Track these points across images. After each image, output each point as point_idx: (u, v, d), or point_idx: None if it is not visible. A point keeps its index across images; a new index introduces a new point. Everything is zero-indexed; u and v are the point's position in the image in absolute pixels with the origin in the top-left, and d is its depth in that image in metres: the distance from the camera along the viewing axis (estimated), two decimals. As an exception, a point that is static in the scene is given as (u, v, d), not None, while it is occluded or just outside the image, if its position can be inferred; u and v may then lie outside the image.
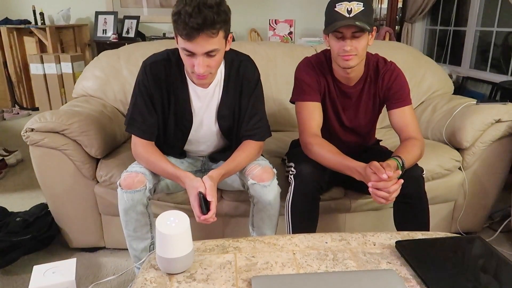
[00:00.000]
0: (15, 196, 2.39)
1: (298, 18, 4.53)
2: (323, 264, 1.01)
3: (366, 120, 1.60)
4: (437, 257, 1.02)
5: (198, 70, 1.24)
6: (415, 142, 1.42)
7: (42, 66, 4.05)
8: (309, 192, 1.45)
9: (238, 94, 1.45)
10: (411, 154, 1.37)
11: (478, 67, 3.56)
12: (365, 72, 1.51)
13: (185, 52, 1.24)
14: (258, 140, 1.48)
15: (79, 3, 4.74)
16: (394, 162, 1.30)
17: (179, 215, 0.97)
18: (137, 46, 2.24)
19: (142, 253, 1.47)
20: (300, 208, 1.47)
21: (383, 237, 1.15)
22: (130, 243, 1.47)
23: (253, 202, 1.47)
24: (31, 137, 1.60)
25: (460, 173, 1.82)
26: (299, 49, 2.32)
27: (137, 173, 1.38)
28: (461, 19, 3.79)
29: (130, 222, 1.42)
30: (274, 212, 1.47)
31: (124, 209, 1.39)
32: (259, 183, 1.40)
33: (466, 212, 1.89)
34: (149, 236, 1.47)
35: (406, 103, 1.49)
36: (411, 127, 1.47)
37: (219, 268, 0.99)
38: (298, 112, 1.53)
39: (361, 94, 1.54)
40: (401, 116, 1.48)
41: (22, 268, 1.72)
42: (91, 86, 2.06)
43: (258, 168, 1.42)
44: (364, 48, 1.39)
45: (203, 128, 1.49)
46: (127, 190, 1.36)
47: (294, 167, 1.47)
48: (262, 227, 1.51)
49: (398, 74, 1.50)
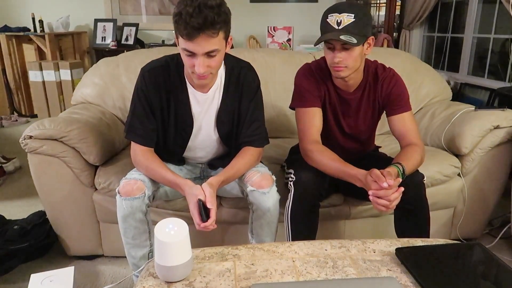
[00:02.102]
0: (13, 204, 2.38)
1: (296, 25, 4.55)
2: (322, 272, 1.00)
3: (366, 126, 1.60)
4: (438, 264, 1.01)
5: (198, 70, 1.25)
6: (416, 148, 1.42)
7: (41, 73, 4.06)
8: (309, 199, 1.45)
9: (237, 99, 1.46)
10: (412, 161, 1.37)
11: (476, 74, 3.57)
12: (364, 79, 1.51)
13: (185, 53, 1.24)
14: (258, 146, 1.48)
15: (78, 10, 4.76)
16: (395, 170, 1.30)
17: (178, 223, 0.96)
18: (136, 53, 2.24)
19: (140, 261, 1.46)
20: (300, 215, 1.46)
21: (383, 244, 1.15)
22: (128, 250, 1.46)
23: (252, 209, 1.47)
24: (29, 144, 1.60)
25: (459, 179, 1.81)
26: (298, 56, 2.33)
27: (136, 180, 1.37)
28: (459, 26, 3.81)
29: (129, 230, 1.41)
30: (273, 219, 1.46)
31: (123, 217, 1.38)
32: (258, 190, 1.40)
33: (466, 219, 1.89)
34: (148, 244, 1.46)
35: (406, 109, 1.49)
36: (411, 133, 1.46)
37: (218, 276, 0.98)
38: (298, 118, 1.53)
39: (360, 100, 1.54)
40: (401, 122, 1.48)
41: (20, 276, 1.71)
42: (90, 93, 2.06)
43: (257, 175, 1.42)
44: (356, 59, 1.36)
45: (202, 134, 1.49)
46: (126, 198, 1.35)
47: (294, 174, 1.47)
48: (261, 234, 1.50)
49: (397, 80, 1.50)
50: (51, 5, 4.73)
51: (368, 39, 1.38)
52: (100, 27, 4.69)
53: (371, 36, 1.38)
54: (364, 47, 1.38)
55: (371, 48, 1.41)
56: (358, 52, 1.35)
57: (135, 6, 4.83)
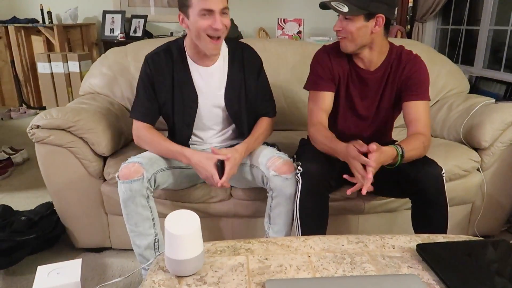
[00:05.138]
0: (21, 195, 2.36)
1: (306, 17, 4.48)
2: (340, 268, 0.96)
3: (384, 111, 1.55)
4: (462, 261, 0.96)
5: (217, 25, 1.34)
6: (421, 137, 1.37)
7: (50, 65, 4.04)
8: (317, 189, 1.41)
9: (243, 77, 1.54)
10: (413, 148, 1.33)
11: (491, 67, 3.48)
12: (387, 60, 1.48)
13: (202, 13, 1.33)
14: (272, 116, 1.63)
15: (87, 2, 4.72)
16: (393, 149, 1.27)
17: (189, 215, 0.92)
18: (145, 43, 2.20)
19: (146, 250, 1.43)
20: (309, 206, 1.42)
21: (402, 239, 1.10)
22: (133, 239, 1.44)
23: (272, 196, 1.46)
24: (36, 134, 1.57)
25: (478, 174, 1.75)
26: (310, 46, 2.26)
27: (134, 163, 1.38)
28: (474, 18, 3.71)
29: (131, 216, 1.39)
30: (291, 207, 1.45)
31: (124, 201, 1.38)
32: (281, 175, 1.41)
33: (484, 215, 1.82)
34: (152, 233, 1.43)
35: (423, 98, 1.44)
36: (420, 123, 1.42)
37: (231, 271, 0.94)
38: (309, 100, 1.56)
39: (380, 81, 1.50)
40: (413, 109, 1.44)
41: (27, 268, 1.68)
42: (98, 84, 2.03)
43: (280, 161, 1.44)
44: (357, 32, 1.36)
45: (208, 108, 1.54)
46: (124, 181, 1.36)
47: (301, 166, 1.43)
48: (279, 223, 1.47)
49: (421, 67, 1.46)
50: (59, -3, 4.71)
51: (377, 17, 1.36)
52: (108, 19, 4.65)
53: (379, 14, 1.35)
54: (371, 24, 1.36)
55: (380, 27, 1.38)
56: (360, 25, 1.35)
57: (144, -2, 4.79)
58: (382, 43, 1.45)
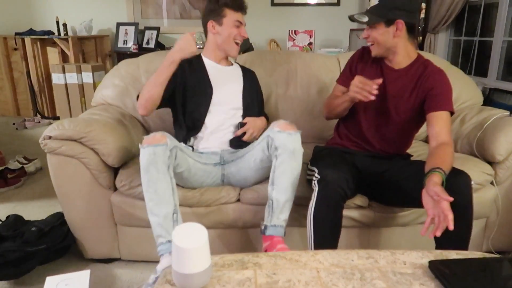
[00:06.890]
0: (33, 204, 2.39)
1: (317, 29, 4.49)
2: (349, 284, 0.93)
3: (407, 114, 1.57)
4: (477, 279, 0.93)
5: (245, 34, 1.77)
6: (449, 148, 1.39)
7: (64, 76, 4.10)
8: (333, 198, 1.39)
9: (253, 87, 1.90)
10: (448, 164, 1.32)
11: (505, 78, 3.43)
12: (413, 63, 1.56)
13: (236, 24, 1.73)
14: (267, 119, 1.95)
15: (101, 14, 4.82)
16: (440, 177, 1.24)
17: (197, 228, 0.91)
18: (157, 54, 2.22)
19: (165, 220, 1.39)
20: (324, 215, 1.40)
21: (414, 255, 1.07)
22: (151, 209, 1.40)
23: (276, 155, 1.47)
24: (48, 144, 1.58)
25: (492, 188, 1.71)
26: (321, 58, 2.26)
27: (158, 133, 1.45)
28: (487, 29, 3.67)
29: (152, 182, 1.38)
30: (296, 165, 1.47)
31: (145, 167, 1.39)
32: (285, 131, 1.47)
33: (499, 230, 1.78)
34: (172, 201, 1.41)
35: (448, 108, 1.47)
36: (444, 132, 1.43)
37: (238, 286, 0.92)
38: None
39: (405, 76, 1.56)
40: (438, 120, 1.45)
41: (36, 278, 1.69)
42: (110, 95, 2.05)
43: (283, 121, 1.53)
44: (381, 37, 1.50)
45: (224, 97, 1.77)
46: (149, 145, 1.39)
47: (318, 173, 1.42)
48: (283, 182, 1.46)
49: (444, 79, 1.52)
50: (75, 9, 4.81)
51: (396, 23, 1.47)
52: (122, 31, 4.73)
53: (399, 20, 1.46)
54: (392, 29, 1.48)
55: (401, 32, 1.48)
56: (382, 31, 1.49)
57: (157, 10, 4.85)
58: (408, 47, 1.54)
